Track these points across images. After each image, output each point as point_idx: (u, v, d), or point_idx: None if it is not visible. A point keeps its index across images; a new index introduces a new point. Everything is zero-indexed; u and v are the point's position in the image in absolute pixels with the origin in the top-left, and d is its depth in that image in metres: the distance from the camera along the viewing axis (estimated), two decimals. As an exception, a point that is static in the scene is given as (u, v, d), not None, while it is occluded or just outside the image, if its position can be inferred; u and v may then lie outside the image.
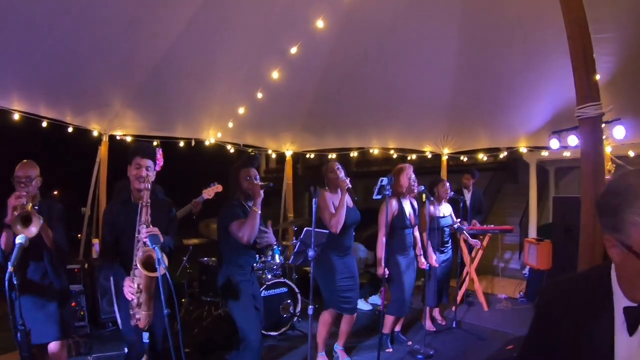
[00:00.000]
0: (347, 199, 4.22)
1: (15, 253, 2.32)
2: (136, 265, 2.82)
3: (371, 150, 8.55)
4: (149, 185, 2.99)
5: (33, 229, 2.83)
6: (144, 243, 2.80)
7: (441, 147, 8.09)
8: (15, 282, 2.22)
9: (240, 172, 3.60)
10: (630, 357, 1.20)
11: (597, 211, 1.28)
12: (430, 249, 5.00)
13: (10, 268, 2.22)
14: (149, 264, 2.68)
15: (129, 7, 4.47)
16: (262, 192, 3.45)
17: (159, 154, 3.28)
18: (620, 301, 1.22)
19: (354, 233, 4.39)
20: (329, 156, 8.47)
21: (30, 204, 2.99)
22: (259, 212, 3.41)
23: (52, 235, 3.16)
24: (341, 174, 4.25)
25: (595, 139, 2.90)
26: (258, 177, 3.59)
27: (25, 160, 3.29)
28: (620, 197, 1.18)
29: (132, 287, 2.85)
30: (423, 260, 4.85)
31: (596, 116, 2.86)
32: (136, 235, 2.92)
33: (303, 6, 5.00)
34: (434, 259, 5.03)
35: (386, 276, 4.26)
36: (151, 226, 2.86)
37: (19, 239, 2.39)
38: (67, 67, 4.93)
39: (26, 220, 2.86)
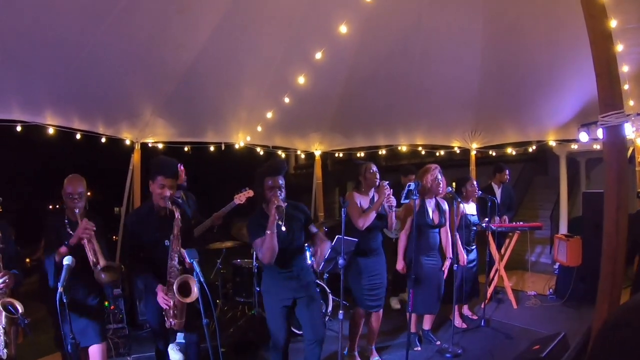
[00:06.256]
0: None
1: (63, 274, 2.52)
2: (172, 285, 3.04)
3: (399, 147, 8.59)
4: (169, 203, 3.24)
5: None
6: (178, 257, 3.06)
7: (469, 142, 8.08)
8: (65, 301, 2.42)
9: (263, 180, 3.42)
10: None
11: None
12: (460, 248, 5.03)
13: (60, 288, 2.43)
14: (185, 289, 2.89)
15: (156, 19, 4.65)
16: (276, 213, 3.21)
17: (181, 169, 3.46)
18: None
19: (380, 236, 4.46)
20: (357, 154, 8.54)
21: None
22: (275, 233, 3.22)
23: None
24: (378, 177, 4.32)
25: (618, 147, 2.89)
26: (283, 184, 3.42)
27: (72, 176, 3.35)
28: None
29: (167, 300, 3.05)
30: (448, 264, 4.86)
31: (619, 124, 2.86)
32: (166, 242, 3.19)
33: (325, 13, 5.08)
34: (465, 258, 5.10)
35: (412, 276, 4.29)
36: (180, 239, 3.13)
37: (66, 261, 2.60)
38: (97, 81, 5.14)
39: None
